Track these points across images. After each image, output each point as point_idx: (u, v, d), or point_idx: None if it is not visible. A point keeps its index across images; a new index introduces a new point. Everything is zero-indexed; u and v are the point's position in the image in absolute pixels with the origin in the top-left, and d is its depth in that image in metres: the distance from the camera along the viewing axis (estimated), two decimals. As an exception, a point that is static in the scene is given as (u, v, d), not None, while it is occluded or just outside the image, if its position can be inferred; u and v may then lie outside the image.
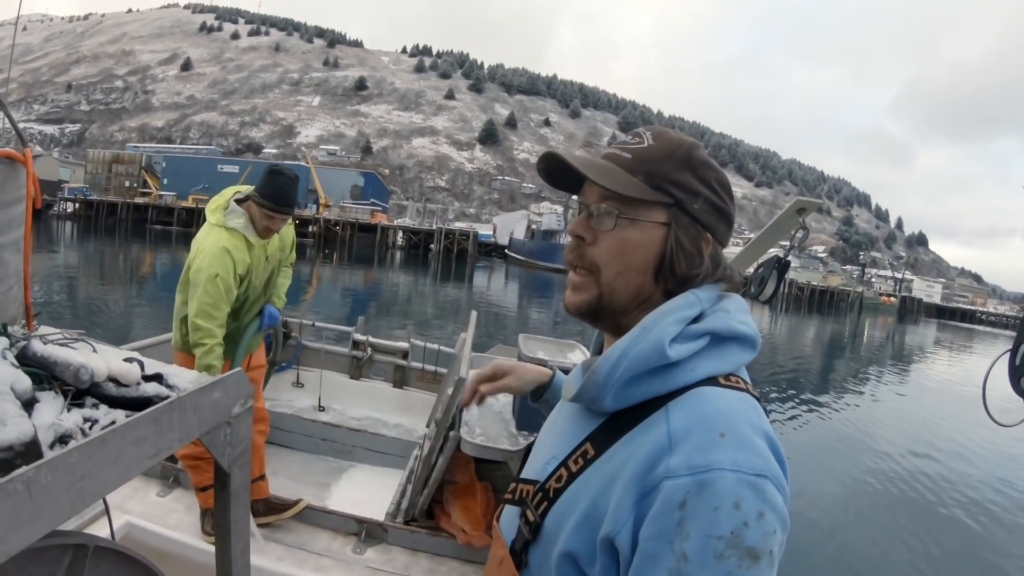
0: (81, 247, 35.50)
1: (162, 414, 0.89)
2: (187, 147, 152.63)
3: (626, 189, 0.85)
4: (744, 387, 0.82)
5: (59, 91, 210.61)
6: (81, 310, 14.18)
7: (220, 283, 2.84)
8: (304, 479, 4.02)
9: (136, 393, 0.97)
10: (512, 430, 2.79)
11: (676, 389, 0.79)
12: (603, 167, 0.88)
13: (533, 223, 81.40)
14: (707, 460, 0.70)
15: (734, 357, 0.84)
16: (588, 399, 0.85)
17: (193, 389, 0.98)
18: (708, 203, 0.88)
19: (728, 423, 0.74)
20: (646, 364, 0.79)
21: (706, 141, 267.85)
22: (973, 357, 35.34)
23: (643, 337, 0.81)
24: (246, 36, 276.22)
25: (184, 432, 0.94)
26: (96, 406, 0.93)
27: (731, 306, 0.88)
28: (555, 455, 0.90)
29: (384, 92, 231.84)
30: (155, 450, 0.88)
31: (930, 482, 8.81)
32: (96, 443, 0.77)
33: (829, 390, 16.34)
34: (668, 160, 0.87)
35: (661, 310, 0.84)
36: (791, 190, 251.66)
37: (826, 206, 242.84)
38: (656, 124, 0.85)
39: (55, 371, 0.92)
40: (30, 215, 1.21)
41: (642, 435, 0.78)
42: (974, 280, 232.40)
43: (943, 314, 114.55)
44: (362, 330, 5.32)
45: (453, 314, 22.57)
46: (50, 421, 0.83)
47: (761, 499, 0.69)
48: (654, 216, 0.86)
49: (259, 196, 2.94)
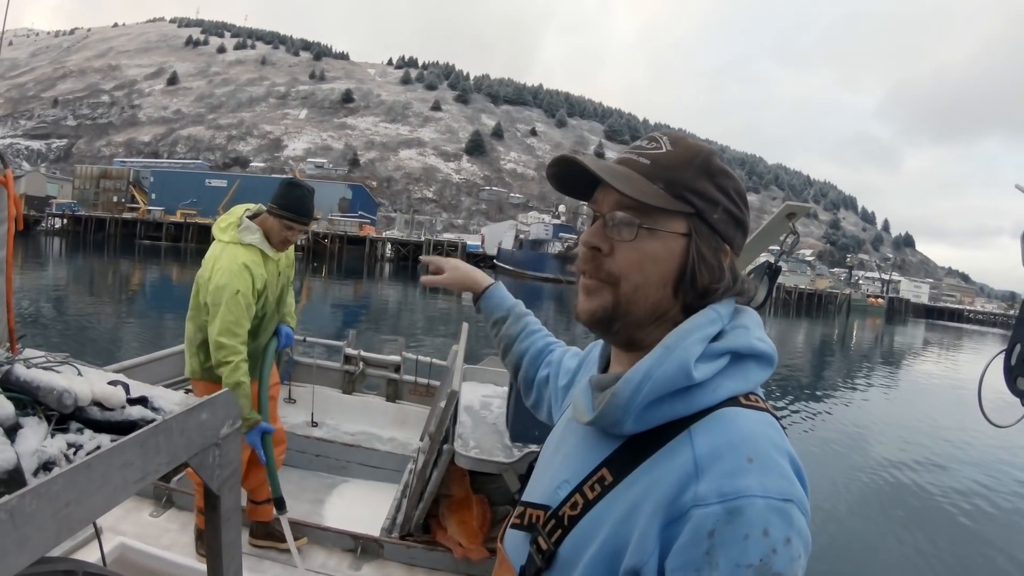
0: (69, 263, 35.38)
1: (148, 437, 0.88)
2: (174, 161, 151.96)
3: (647, 197, 0.81)
4: (764, 406, 0.79)
5: (46, 106, 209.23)
6: (70, 328, 14.10)
7: (241, 299, 2.88)
8: (299, 496, 4.01)
9: (121, 417, 0.96)
10: (506, 441, 2.79)
11: (698, 411, 0.77)
12: (622, 173, 0.84)
13: (521, 233, 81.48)
14: (736, 487, 0.68)
15: (753, 375, 0.81)
16: (607, 423, 0.81)
17: (179, 411, 0.97)
18: (727, 213, 0.84)
19: (755, 447, 0.71)
20: (671, 386, 0.76)
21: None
22: (963, 356, 35.70)
23: (667, 358, 0.77)
24: (232, 50, 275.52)
25: (171, 455, 0.93)
26: (81, 431, 0.91)
27: (749, 322, 0.85)
28: (567, 479, 0.86)
29: (371, 104, 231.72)
30: (142, 474, 0.87)
31: (925, 482, 8.86)
32: (81, 469, 0.77)
33: (820, 393, 16.42)
34: (688, 167, 0.83)
35: (684, 328, 0.80)
36: (778, 195, 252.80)
37: (813, 210, 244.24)
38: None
39: (38, 396, 0.91)
40: (11, 237, 1.21)
41: (665, 461, 0.75)
42: (962, 279, 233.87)
43: (931, 314, 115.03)
44: (353, 344, 5.29)
45: (443, 325, 22.57)
46: (34, 447, 0.82)
47: (788, 524, 0.68)
48: (674, 226, 0.82)
49: (278, 208, 3.02)
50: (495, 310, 1.41)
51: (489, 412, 3.14)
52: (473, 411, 3.13)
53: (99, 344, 12.61)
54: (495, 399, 3.30)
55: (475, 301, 1.44)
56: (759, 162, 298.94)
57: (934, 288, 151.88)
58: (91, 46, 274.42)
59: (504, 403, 3.09)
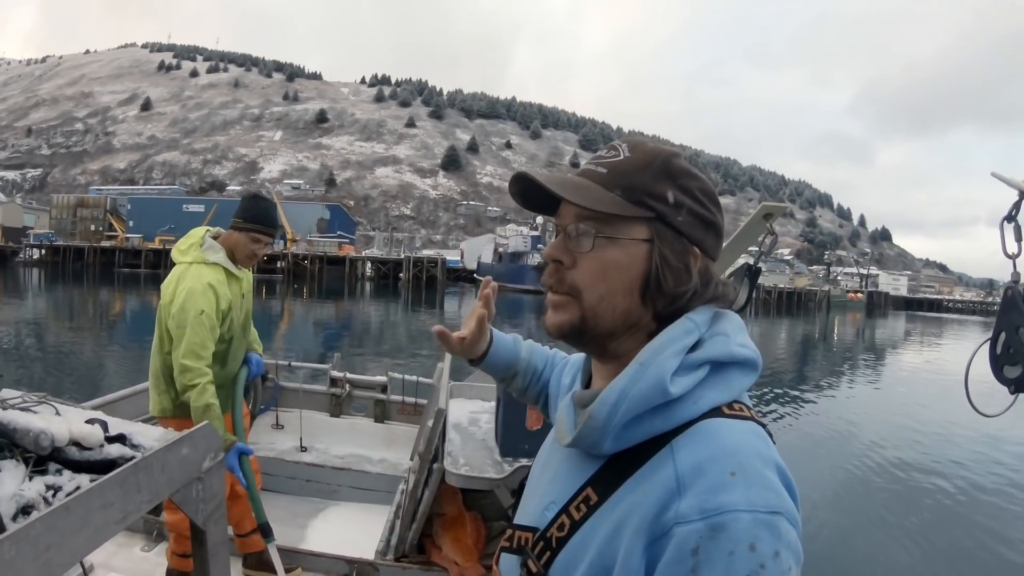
0: (49, 294, 34.96)
1: (128, 476, 0.87)
2: (150, 188, 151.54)
3: (602, 205, 0.80)
4: (749, 414, 0.77)
5: (19, 136, 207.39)
6: (51, 362, 13.91)
7: (206, 320, 2.82)
8: (290, 522, 3.98)
9: (100, 456, 0.95)
10: (496, 457, 2.77)
11: (680, 424, 0.75)
12: (577, 184, 0.83)
13: (500, 246, 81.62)
14: (719, 502, 0.66)
15: (736, 383, 0.79)
16: (586, 445, 0.80)
17: (159, 447, 0.96)
18: (693, 214, 0.82)
19: (739, 460, 0.69)
20: (647, 404, 0.74)
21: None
22: (946, 345, 36.22)
23: (642, 375, 0.75)
24: (205, 73, 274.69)
25: (152, 492, 0.91)
26: (60, 472, 0.91)
27: (729, 328, 0.82)
28: (554, 500, 0.85)
29: (345, 123, 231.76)
30: (123, 514, 0.86)
31: (914, 472, 8.94)
32: (60, 512, 0.75)
33: (805, 389, 16.47)
34: (646, 171, 0.81)
35: (659, 342, 0.78)
36: (753, 196, 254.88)
37: (789, 209, 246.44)
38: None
39: (15, 438, 0.90)
40: None
41: (648, 478, 0.73)
42: (940, 270, 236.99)
43: (911, 305, 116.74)
44: (339, 367, 5.25)
45: (426, 340, 22.48)
46: (11, 492, 0.81)
47: (776, 537, 0.66)
48: (635, 233, 0.80)
49: (244, 221, 2.98)
50: (495, 368, 1.27)
51: (478, 428, 3.12)
52: (461, 428, 3.11)
53: (80, 377, 12.45)
54: (483, 414, 3.28)
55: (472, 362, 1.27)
56: (734, 164, 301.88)
57: (912, 280, 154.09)
58: (63, 74, 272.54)
59: (492, 418, 3.07)
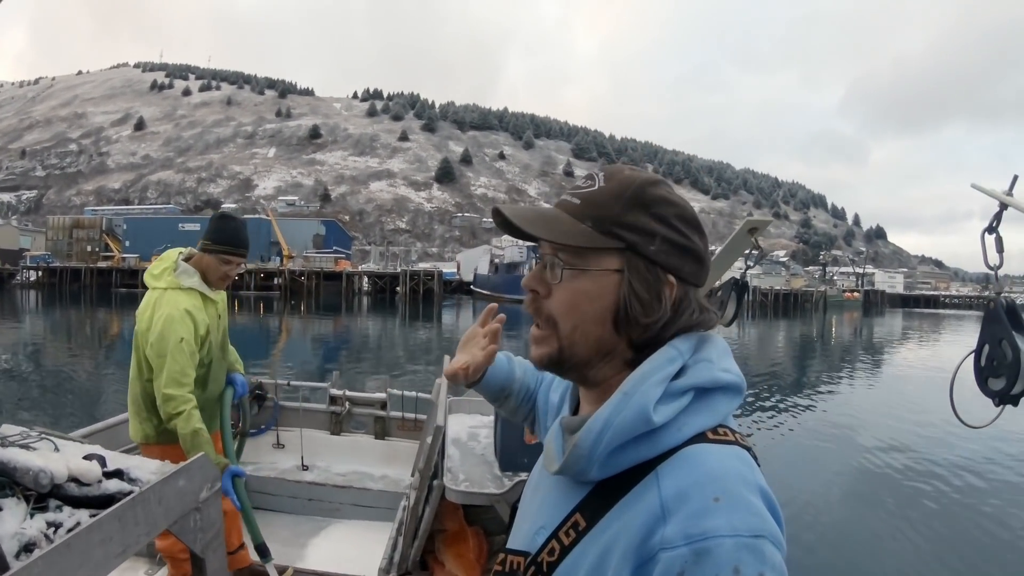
0: (46, 316, 34.95)
1: (126, 511, 0.88)
2: (146, 207, 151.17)
3: (570, 238, 0.81)
4: (733, 438, 0.78)
5: (13, 158, 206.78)
6: (48, 384, 13.90)
7: (185, 347, 2.81)
8: (293, 542, 3.99)
9: (99, 491, 0.97)
10: (496, 472, 2.77)
11: (665, 451, 0.76)
12: (547, 217, 0.85)
13: (496, 257, 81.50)
14: (703, 528, 0.67)
15: (721, 407, 0.80)
16: (573, 473, 0.81)
17: (156, 481, 0.97)
18: (668, 242, 0.82)
19: (722, 485, 0.71)
20: (631, 432, 0.76)
21: (659, 159, 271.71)
22: (943, 340, 36.41)
23: (626, 404, 0.77)
24: (197, 92, 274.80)
25: (151, 525, 0.93)
26: (60, 508, 0.92)
27: (713, 353, 0.83)
28: (543, 525, 0.86)
29: (338, 139, 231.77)
30: (122, 547, 0.86)
31: (915, 472, 8.97)
32: (60, 549, 0.76)
33: (804, 391, 16.50)
34: (618, 201, 0.82)
35: (642, 371, 0.79)
36: (747, 199, 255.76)
37: (783, 211, 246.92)
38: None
39: (15, 476, 0.91)
40: None
41: (634, 504, 0.75)
42: (936, 266, 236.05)
43: (907, 303, 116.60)
44: (338, 384, 5.26)
45: (424, 354, 22.52)
46: (13, 530, 0.82)
47: (760, 560, 0.66)
48: (606, 263, 0.82)
49: (213, 243, 2.96)
50: (491, 389, 1.27)
51: (477, 443, 3.13)
52: (461, 443, 3.12)
53: (79, 400, 12.42)
54: (482, 429, 3.30)
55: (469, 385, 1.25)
56: (727, 168, 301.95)
57: (908, 277, 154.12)
58: (56, 95, 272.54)
59: (491, 433, 3.09)
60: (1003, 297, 2.24)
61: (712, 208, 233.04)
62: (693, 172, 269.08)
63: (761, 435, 10.75)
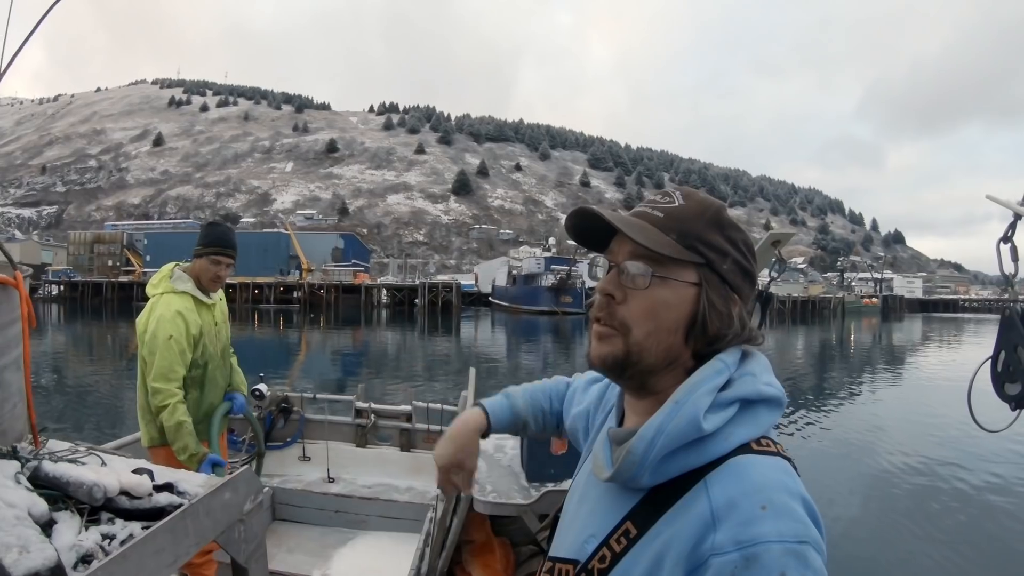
0: (68, 330, 35.25)
1: (177, 523, 0.92)
2: (165, 222, 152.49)
3: (660, 247, 0.85)
4: (776, 450, 0.83)
5: (34, 174, 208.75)
6: (72, 396, 14.03)
7: (174, 344, 2.97)
8: (320, 553, 4.03)
9: (149, 504, 1.00)
10: (523, 483, 2.80)
11: (713, 460, 0.80)
12: (637, 224, 0.88)
13: (514, 268, 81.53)
14: (752, 534, 0.71)
15: (764, 420, 0.84)
16: (625, 479, 0.85)
17: (204, 494, 1.01)
18: (736, 264, 0.89)
19: (768, 494, 0.75)
20: (683, 439, 0.79)
21: (675, 168, 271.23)
22: (960, 347, 35.87)
23: (677, 412, 0.80)
24: (215, 107, 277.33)
25: (200, 536, 0.96)
26: (112, 520, 0.95)
27: (756, 368, 0.88)
28: (593, 533, 0.89)
29: (355, 152, 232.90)
30: (173, 558, 0.90)
31: (932, 477, 8.92)
32: (118, 560, 0.80)
33: (824, 397, 16.38)
34: (699, 220, 0.88)
35: (692, 381, 0.83)
36: (764, 207, 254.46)
37: (800, 218, 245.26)
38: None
39: (68, 491, 0.95)
40: (27, 335, 1.26)
41: (684, 511, 0.78)
42: (955, 269, 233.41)
43: (926, 307, 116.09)
44: (363, 397, 5.29)
45: (444, 366, 22.57)
46: (71, 542, 0.85)
47: (804, 565, 0.70)
48: (685, 276, 0.86)
49: (203, 246, 3.16)
50: (503, 432, 1.34)
51: (503, 455, 3.16)
52: (487, 455, 3.14)
53: (103, 413, 12.55)
54: (508, 440, 3.32)
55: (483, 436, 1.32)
56: (743, 176, 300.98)
57: (927, 281, 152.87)
58: (75, 112, 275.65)
59: (517, 444, 3.11)
60: (1019, 305, 2.27)
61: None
62: (709, 180, 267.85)
63: (785, 442, 10.68)
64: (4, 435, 1.11)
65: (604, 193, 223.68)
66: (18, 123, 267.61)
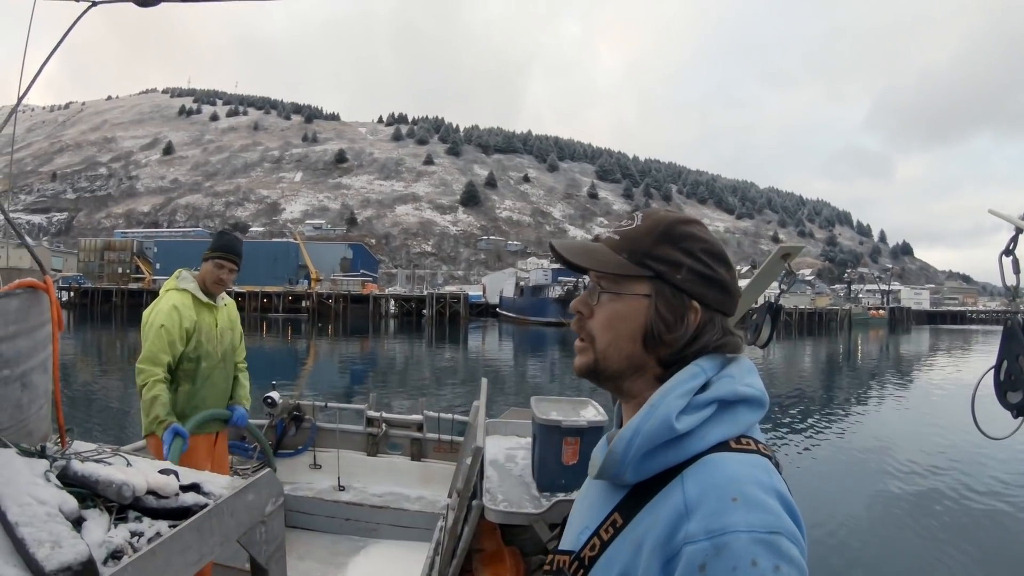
0: (78, 336, 35.37)
1: (203, 522, 0.95)
2: (174, 231, 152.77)
3: (607, 267, 0.94)
4: (755, 448, 0.86)
5: (44, 181, 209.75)
6: (81, 400, 14.11)
7: (164, 333, 3.19)
8: (331, 561, 4.06)
9: (176, 504, 1.03)
10: (534, 492, 2.80)
11: (690, 457, 0.84)
12: (590, 250, 0.98)
13: (521, 280, 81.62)
14: (722, 524, 0.74)
15: (743, 419, 0.88)
16: (610, 475, 0.90)
17: (228, 495, 1.04)
18: (693, 272, 0.93)
19: (739, 487, 0.78)
20: (657, 439, 0.84)
21: (683, 180, 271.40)
22: (965, 357, 35.93)
23: (651, 414, 0.85)
24: (225, 117, 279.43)
25: (224, 535, 0.99)
26: (139, 519, 0.98)
27: (736, 371, 0.92)
28: (587, 525, 0.95)
29: (364, 163, 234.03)
30: (199, 556, 0.93)
31: (937, 484, 8.99)
32: (147, 556, 0.82)
33: (829, 408, 16.37)
34: (649, 236, 0.94)
35: (667, 386, 0.89)
36: (772, 218, 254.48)
37: (808, 230, 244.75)
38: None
39: (97, 489, 0.98)
40: (56, 338, 1.31)
41: (662, 503, 0.83)
42: (963, 281, 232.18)
43: (934, 319, 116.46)
44: (375, 406, 5.31)
45: (451, 375, 22.61)
46: (100, 539, 0.87)
47: (776, 554, 0.73)
48: (638, 289, 0.93)
49: (210, 251, 3.43)
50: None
51: (514, 464, 3.17)
52: (499, 464, 3.16)
53: (114, 417, 12.62)
54: (519, 451, 3.35)
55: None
56: (751, 187, 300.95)
57: (935, 293, 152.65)
58: (86, 119, 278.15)
59: (528, 454, 3.13)
60: (1020, 316, 2.35)
61: (737, 228, 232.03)
62: (717, 192, 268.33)
63: (788, 452, 10.67)
64: (31, 435, 1.14)
65: (612, 204, 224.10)
66: (29, 130, 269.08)
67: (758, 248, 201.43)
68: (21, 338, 1.14)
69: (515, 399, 15.30)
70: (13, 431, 1.08)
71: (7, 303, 1.11)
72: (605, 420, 2.87)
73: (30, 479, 0.93)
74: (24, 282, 1.23)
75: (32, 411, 1.17)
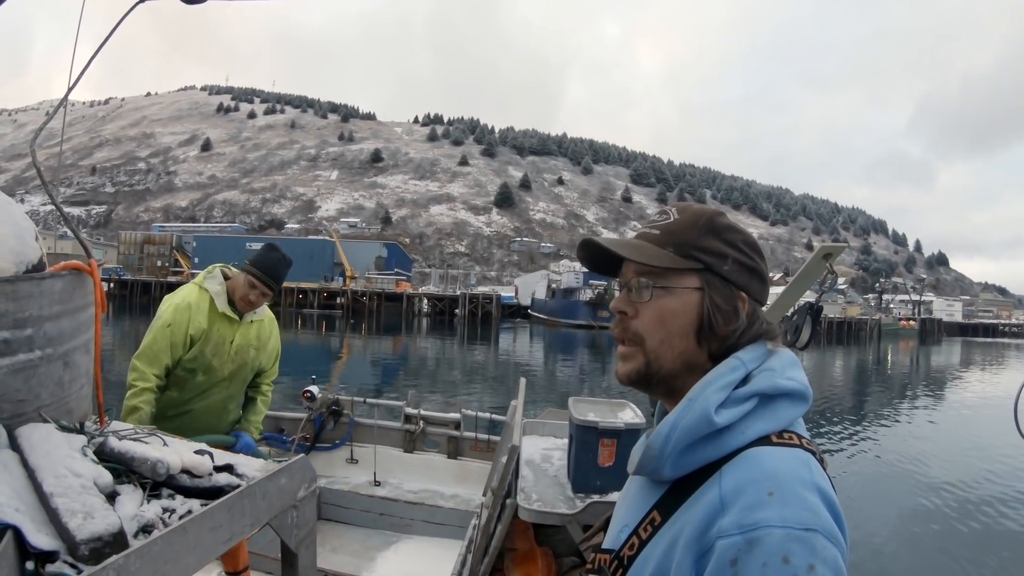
0: (117, 326, 35.98)
1: (235, 502, 0.96)
2: (212, 226, 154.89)
3: (657, 260, 0.92)
4: (798, 442, 0.84)
5: (84, 174, 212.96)
6: (115, 387, 14.36)
7: (169, 333, 2.90)
8: (364, 554, 4.07)
9: (209, 483, 1.05)
10: (568, 493, 2.80)
11: (730, 452, 0.83)
12: (634, 245, 0.96)
13: (553, 282, 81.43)
14: (756, 518, 0.73)
15: (785, 413, 0.86)
16: (648, 472, 0.89)
17: (261, 477, 1.05)
18: (737, 263, 0.93)
19: (777, 481, 0.76)
20: (696, 433, 0.83)
21: (717, 185, 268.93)
22: (996, 370, 35.74)
23: (690, 408, 0.84)
24: (262, 115, 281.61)
25: (255, 517, 1.00)
26: (172, 496, 1.00)
27: (777, 364, 0.90)
28: (627, 524, 0.94)
29: (399, 163, 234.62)
30: (229, 535, 0.94)
31: (983, 505, 8.74)
32: (177, 531, 0.84)
33: (862, 419, 16.16)
34: (693, 229, 0.93)
35: (705, 380, 0.88)
36: (806, 225, 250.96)
37: (843, 238, 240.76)
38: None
39: (132, 465, 1.00)
40: (99, 320, 1.32)
41: (699, 499, 0.81)
42: (999, 293, 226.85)
43: (965, 331, 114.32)
44: (413, 404, 5.32)
45: (482, 373, 22.67)
46: (132, 512, 0.90)
47: (811, 552, 0.71)
48: (687, 282, 0.92)
49: (251, 264, 3.03)
50: None
51: (550, 465, 3.16)
52: (534, 464, 3.16)
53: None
54: (556, 451, 3.34)
55: None
56: (786, 194, 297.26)
57: (969, 305, 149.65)
58: (125, 115, 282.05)
59: (565, 455, 3.12)
60: None
61: (771, 234, 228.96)
62: (752, 198, 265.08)
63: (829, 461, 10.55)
64: (71, 413, 1.16)
65: (646, 209, 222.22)
66: (69, 124, 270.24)
67: (791, 255, 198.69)
68: (65, 318, 1.15)
69: (546, 399, 15.34)
70: (54, 408, 1.10)
71: (53, 283, 1.13)
72: (643, 422, 2.86)
73: (68, 453, 0.95)
74: (70, 264, 1.23)
75: (73, 390, 1.18)
